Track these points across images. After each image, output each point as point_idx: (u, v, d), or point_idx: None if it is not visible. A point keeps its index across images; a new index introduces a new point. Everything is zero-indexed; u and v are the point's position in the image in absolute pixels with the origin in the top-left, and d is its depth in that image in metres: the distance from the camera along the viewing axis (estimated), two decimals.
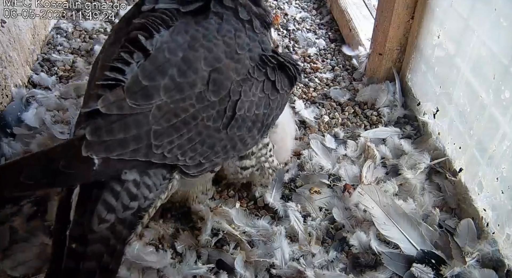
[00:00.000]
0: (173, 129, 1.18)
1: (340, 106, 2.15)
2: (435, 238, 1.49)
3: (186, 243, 1.51)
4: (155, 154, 1.17)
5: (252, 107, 1.34)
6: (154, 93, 1.16)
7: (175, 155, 1.21)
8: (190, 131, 1.21)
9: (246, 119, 1.33)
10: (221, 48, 1.28)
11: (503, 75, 1.39)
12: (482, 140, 1.53)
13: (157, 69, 1.19)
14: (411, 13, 1.95)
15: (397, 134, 1.92)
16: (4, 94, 1.97)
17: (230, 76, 1.27)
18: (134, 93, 1.15)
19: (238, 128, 1.32)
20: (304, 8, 2.93)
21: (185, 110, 1.20)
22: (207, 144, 1.27)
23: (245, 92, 1.31)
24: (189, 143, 1.22)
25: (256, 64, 1.35)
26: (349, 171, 1.76)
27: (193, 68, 1.21)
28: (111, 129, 1.12)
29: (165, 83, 1.18)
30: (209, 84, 1.23)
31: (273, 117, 1.46)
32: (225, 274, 1.41)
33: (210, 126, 1.25)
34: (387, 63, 2.12)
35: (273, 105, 1.43)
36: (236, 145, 1.35)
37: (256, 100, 1.35)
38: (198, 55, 1.23)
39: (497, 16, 1.41)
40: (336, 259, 1.48)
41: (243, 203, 1.68)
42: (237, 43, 1.31)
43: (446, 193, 1.67)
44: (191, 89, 1.20)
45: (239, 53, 1.31)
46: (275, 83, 1.40)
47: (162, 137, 1.17)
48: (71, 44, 2.49)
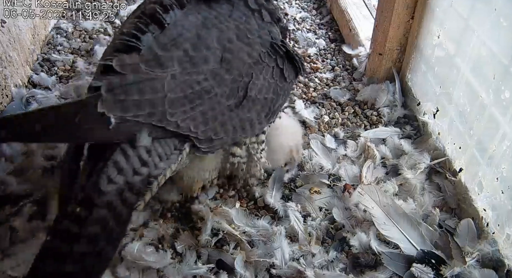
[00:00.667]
0: (187, 99, 1.21)
1: (340, 106, 2.15)
2: (435, 238, 1.49)
3: (186, 243, 1.51)
4: (169, 121, 1.19)
5: (262, 91, 1.39)
6: (168, 63, 1.20)
7: (188, 126, 1.22)
8: (203, 104, 1.25)
9: (256, 101, 1.38)
10: (232, 30, 1.35)
11: (503, 75, 1.39)
12: (482, 140, 1.53)
13: (172, 41, 1.23)
14: (411, 13, 1.95)
15: (397, 134, 1.92)
16: (4, 94, 1.97)
17: (241, 57, 1.32)
18: (149, 61, 1.18)
19: (249, 110, 1.36)
20: (304, 8, 2.93)
21: (198, 83, 1.23)
22: (219, 121, 1.30)
23: (256, 75, 1.36)
24: (201, 116, 1.25)
25: (267, 50, 1.41)
26: (349, 171, 1.76)
27: (205, 45, 1.27)
28: (127, 90, 1.14)
29: (179, 55, 1.22)
30: (222, 63, 1.27)
31: (279, 105, 1.50)
32: (225, 274, 1.41)
33: (223, 103, 1.29)
34: (387, 63, 2.12)
35: (280, 92, 1.48)
36: (245, 126, 1.39)
37: (266, 84, 1.40)
38: (211, 33, 1.29)
39: (497, 16, 1.41)
40: (336, 259, 1.48)
41: (243, 203, 1.68)
42: (247, 28, 1.38)
43: (446, 193, 1.67)
44: (204, 63, 1.25)
45: (249, 37, 1.37)
46: (283, 71, 1.46)
47: (176, 106, 1.20)
48: (71, 44, 2.49)
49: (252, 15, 1.43)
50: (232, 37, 1.33)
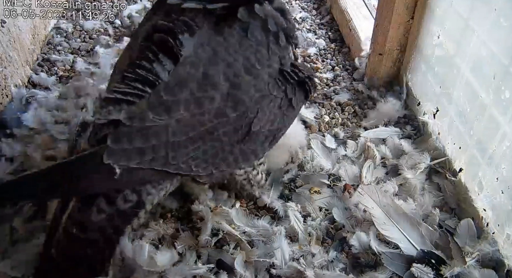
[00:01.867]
0: (190, 141, 1.22)
1: (340, 106, 2.15)
2: (435, 238, 1.49)
3: (186, 243, 1.51)
4: (171, 164, 1.20)
5: (267, 124, 1.36)
6: (175, 107, 1.20)
7: (189, 165, 1.24)
8: (205, 144, 1.25)
9: (260, 134, 1.35)
10: (241, 62, 1.29)
11: (503, 75, 1.39)
12: (482, 140, 1.53)
13: (179, 84, 1.22)
14: (411, 13, 1.94)
15: (397, 134, 1.92)
16: (4, 94, 1.97)
17: (248, 91, 1.29)
18: (156, 107, 1.19)
19: (252, 143, 1.35)
20: (304, 8, 2.92)
21: (202, 123, 1.23)
22: (220, 157, 1.30)
23: (262, 109, 1.32)
24: (203, 155, 1.26)
25: (276, 79, 1.36)
26: (349, 171, 1.75)
27: (212, 84, 1.24)
28: (132, 138, 1.16)
29: (185, 97, 1.21)
30: (228, 100, 1.25)
31: (283, 131, 1.48)
32: (225, 274, 1.41)
33: (226, 141, 1.28)
34: (387, 63, 2.12)
35: (286, 121, 1.45)
36: (249, 158, 1.38)
37: (272, 117, 1.37)
38: (218, 69, 1.26)
39: (497, 16, 1.41)
40: (336, 259, 1.48)
41: (243, 203, 1.68)
42: (257, 58, 1.32)
43: (446, 193, 1.67)
44: (210, 103, 1.23)
45: (258, 68, 1.31)
46: (292, 100, 1.41)
47: (178, 149, 1.21)
48: (71, 44, 2.49)
49: (266, 40, 1.35)
50: (239, 71, 1.28)
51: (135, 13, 2.71)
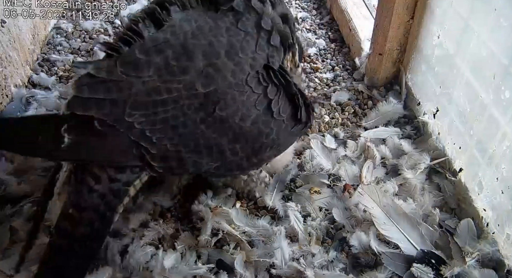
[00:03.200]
0: (151, 104, 1.21)
1: (340, 106, 2.15)
2: (435, 238, 1.49)
3: (186, 243, 1.51)
4: (125, 121, 1.20)
5: (237, 115, 1.28)
6: (144, 67, 1.21)
7: (143, 129, 1.22)
8: (166, 112, 1.23)
9: (226, 125, 1.28)
10: (224, 45, 1.28)
11: (503, 75, 1.39)
12: (482, 140, 1.53)
13: (155, 46, 1.23)
14: (411, 13, 1.94)
15: (397, 134, 1.92)
16: (4, 94, 1.97)
17: (223, 74, 1.26)
18: (127, 63, 1.21)
19: (216, 130, 1.28)
20: (304, 8, 2.92)
21: (168, 91, 1.22)
22: (179, 132, 1.25)
23: (232, 97, 1.27)
24: (161, 123, 1.23)
25: (259, 75, 1.31)
26: (349, 171, 1.75)
27: (189, 55, 1.24)
28: (93, 88, 1.18)
29: (158, 61, 1.22)
30: (201, 76, 1.24)
31: (264, 144, 1.36)
32: (225, 274, 1.41)
33: (188, 115, 1.24)
34: (387, 63, 2.12)
35: (265, 128, 1.33)
36: (211, 149, 1.30)
37: (244, 110, 1.29)
38: (199, 45, 1.26)
39: (497, 16, 1.41)
40: (336, 259, 1.48)
41: (243, 203, 1.68)
42: (242, 47, 1.29)
43: (446, 193, 1.67)
44: (181, 74, 1.23)
45: (240, 56, 1.28)
46: (272, 102, 1.33)
47: (137, 107, 1.20)
48: (71, 44, 2.49)
49: (256, 34, 1.32)
50: (220, 53, 1.26)
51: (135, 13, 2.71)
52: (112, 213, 1.32)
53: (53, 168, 1.38)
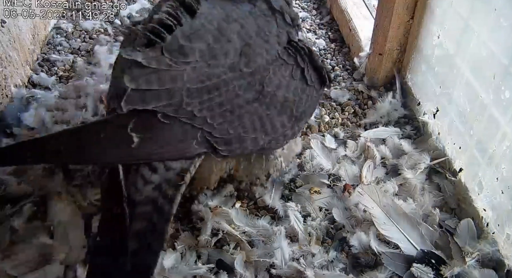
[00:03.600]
0: (205, 90, 1.22)
1: (340, 106, 2.15)
2: (435, 238, 1.49)
3: (186, 243, 1.51)
4: (185, 110, 1.19)
5: (281, 88, 1.36)
6: (190, 53, 1.22)
7: (204, 116, 1.22)
8: (220, 96, 1.25)
9: (274, 99, 1.35)
10: (252, 26, 1.37)
11: (503, 75, 1.39)
12: (482, 140, 1.53)
13: (195, 33, 1.26)
14: (411, 13, 1.94)
15: (397, 134, 1.92)
16: (4, 94, 1.97)
17: (260, 52, 1.34)
18: (172, 51, 1.21)
19: (267, 106, 1.34)
20: (304, 8, 2.92)
21: (217, 75, 1.25)
22: (236, 114, 1.28)
23: (273, 71, 1.35)
24: (219, 108, 1.25)
25: (285, 48, 1.41)
26: (349, 171, 1.75)
27: (226, 38, 1.29)
28: (149, 80, 1.16)
29: (201, 46, 1.25)
30: (241, 56, 1.28)
31: (302, 111, 1.45)
32: (225, 274, 1.41)
33: (241, 96, 1.28)
34: (387, 63, 2.12)
35: (302, 94, 1.43)
36: (265, 125, 1.35)
37: (285, 82, 1.38)
38: (232, 27, 1.32)
39: (497, 16, 1.41)
40: (336, 259, 1.48)
41: (243, 203, 1.68)
42: (266, 26, 1.40)
43: (446, 193, 1.67)
44: (224, 57, 1.27)
45: (267, 34, 1.39)
46: (304, 71, 1.43)
47: (193, 96, 1.20)
48: (71, 44, 2.49)
49: (272, 15, 1.44)
50: (251, 33, 1.35)
51: (135, 13, 2.71)
52: (171, 205, 1.25)
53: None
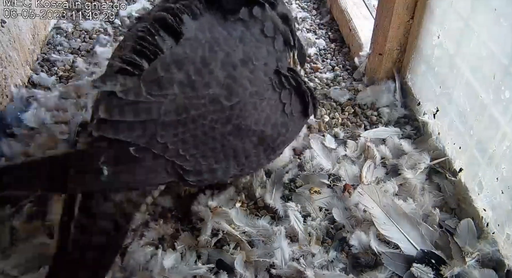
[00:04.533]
0: (181, 123, 1.21)
1: (340, 106, 2.15)
2: (435, 238, 1.49)
3: (186, 243, 1.51)
4: (158, 143, 1.19)
5: (260, 122, 1.34)
6: (168, 86, 1.19)
7: (176, 149, 1.22)
8: (196, 129, 1.23)
9: (251, 133, 1.33)
10: (239, 55, 1.30)
11: (503, 75, 1.39)
12: (482, 140, 1.53)
13: (175, 63, 1.22)
14: (411, 13, 1.95)
15: (397, 134, 1.92)
16: (4, 94, 1.97)
17: (243, 84, 1.29)
18: (150, 82, 1.18)
19: (243, 140, 1.32)
20: (304, 8, 2.92)
21: (196, 107, 1.22)
22: (210, 147, 1.27)
23: (254, 105, 1.32)
24: (193, 140, 1.24)
25: (270, 79, 1.36)
26: (349, 171, 1.75)
27: (209, 69, 1.24)
28: (123, 111, 1.16)
29: (180, 77, 1.21)
30: (223, 89, 1.25)
31: (281, 142, 1.45)
32: (225, 274, 1.41)
33: (217, 129, 1.26)
34: (387, 63, 2.12)
35: (281, 129, 1.42)
36: (239, 157, 1.35)
37: (264, 116, 1.35)
38: (216, 57, 1.26)
39: (497, 16, 1.41)
40: (336, 259, 1.48)
41: (243, 203, 1.67)
42: (255, 54, 1.33)
43: (446, 193, 1.67)
44: (204, 89, 1.23)
45: (255, 63, 1.32)
46: (285, 106, 1.41)
47: (168, 129, 1.19)
48: (71, 44, 2.49)
49: (264, 40, 1.38)
50: (236, 63, 1.29)
51: (135, 13, 2.71)
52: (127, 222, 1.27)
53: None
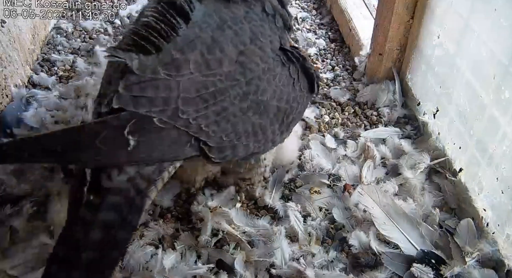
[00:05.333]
0: (201, 99, 1.23)
1: (340, 106, 2.15)
2: (435, 238, 1.49)
3: (186, 243, 1.51)
4: (180, 118, 1.19)
5: (274, 97, 1.38)
6: (185, 66, 1.21)
7: (199, 124, 1.22)
8: (216, 104, 1.25)
9: (268, 107, 1.37)
10: (247, 33, 1.34)
11: (503, 75, 1.39)
12: (482, 140, 1.53)
13: (188, 44, 1.24)
14: (411, 13, 1.95)
15: (397, 134, 1.92)
16: (4, 94, 1.97)
17: (254, 60, 1.33)
18: (167, 64, 1.20)
19: (260, 115, 1.35)
20: (304, 8, 2.93)
21: (214, 84, 1.24)
22: (231, 122, 1.29)
23: (268, 81, 1.35)
24: (214, 116, 1.25)
25: (279, 56, 1.41)
26: (349, 171, 1.75)
27: (220, 47, 1.27)
28: (143, 87, 1.16)
29: (195, 57, 1.23)
30: (236, 65, 1.28)
31: (292, 118, 1.48)
32: (225, 274, 1.41)
33: (236, 104, 1.29)
34: (387, 63, 2.12)
35: (293, 103, 1.46)
36: (257, 133, 1.36)
37: (278, 91, 1.39)
38: (226, 36, 1.30)
39: (497, 16, 1.41)
40: (336, 259, 1.48)
41: (243, 203, 1.68)
42: (260, 31, 1.38)
43: (446, 193, 1.67)
44: (219, 66, 1.26)
45: (262, 40, 1.36)
46: (295, 81, 1.45)
47: (189, 104, 1.21)
48: (71, 44, 2.49)
49: (266, 19, 1.43)
50: (246, 40, 1.33)
51: (135, 13, 2.71)
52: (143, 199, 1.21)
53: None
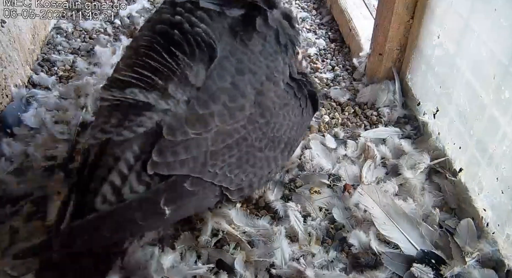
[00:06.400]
0: (227, 148, 1.26)
1: (340, 106, 2.15)
2: (435, 238, 1.49)
3: (186, 244, 1.51)
4: (208, 172, 1.24)
5: (288, 130, 1.43)
6: (210, 120, 1.23)
7: (224, 173, 1.28)
8: (240, 151, 1.29)
9: (281, 141, 1.42)
10: (263, 70, 1.35)
11: (503, 75, 1.39)
12: (482, 140, 1.53)
13: (211, 96, 1.25)
14: (411, 13, 1.95)
15: (397, 134, 1.92)
16: (4, 94, 1.97)
17: (271, 98, 1.35)
18: (194, 122, 1.22)
19: (275, 149, 1.40)
20: (304, 8, 2.93)
21: (237, 131, 1.27)
22: (250, 163, 1.34)
23: (283, 116, 1.40)
24: (237, 161, 1.30)
25: (292, 89, 1.44)
26: (349, 171, 1.75)
27: (241, 92, 1.29)
28: (175, 151, 1.19)
29: (219, 109, 1.24)
30: (256, 107, 1.31)
31: (298, 142, 1.56)
32: (225, 274, 1.41)
33: (256, 146, 1.33)
34: (387, 63, 2.12)
35: (300, 130, 1.53)
36: (270, 165, 1.42)
37: (291, 123, 1.44)
38: (245, 79, 1.30)
39: (497, 16, 1.41)
40: (336, 259, 1.48)
41: (243, 203, 1.67)
42: (275, 66, 1.38)
43: (446, 193, 1.67)
44: (241, 112, 1.28)
45: (276, 76, 1.38)
46: (303, 110, 1.51)
47: (216, 156, 1.25)
48: (71, 44, 2.49)
49: (279, 49, 1.43)
50: (262, 78, 1.34)
51: (135, 13, 2.72)
52: None
53: None
